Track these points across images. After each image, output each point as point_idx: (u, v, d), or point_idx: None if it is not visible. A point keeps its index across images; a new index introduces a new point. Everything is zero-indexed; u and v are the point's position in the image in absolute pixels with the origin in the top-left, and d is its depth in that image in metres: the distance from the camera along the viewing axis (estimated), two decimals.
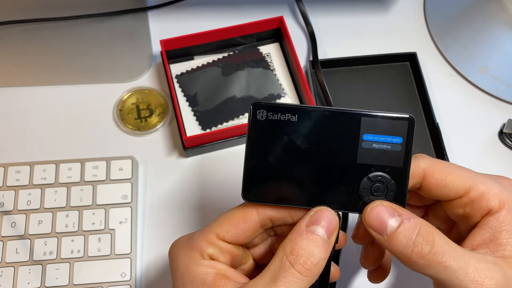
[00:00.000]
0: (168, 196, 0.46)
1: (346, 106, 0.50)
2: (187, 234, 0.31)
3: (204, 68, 0.50)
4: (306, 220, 0.28)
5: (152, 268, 0.43)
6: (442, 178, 0.29)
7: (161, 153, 0.48)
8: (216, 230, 0.30)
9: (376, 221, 0.28)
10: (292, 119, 0.28)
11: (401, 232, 0.27)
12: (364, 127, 0.28)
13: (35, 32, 0.52)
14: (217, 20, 0.53)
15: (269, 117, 0.29)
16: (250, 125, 0.29)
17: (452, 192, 0.29)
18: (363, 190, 0.29)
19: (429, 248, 0.26)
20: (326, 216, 0.28)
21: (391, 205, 0.28)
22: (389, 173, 0.29)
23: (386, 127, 0.28)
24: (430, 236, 0.27)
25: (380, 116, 0.28)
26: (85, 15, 0.52)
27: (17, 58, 0.51)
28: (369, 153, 0.28)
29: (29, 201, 0.43)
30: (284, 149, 0.29)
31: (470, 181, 0.29)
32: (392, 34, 0.55)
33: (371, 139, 0.28)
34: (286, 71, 0.51)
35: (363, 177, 0.29)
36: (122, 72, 0.51)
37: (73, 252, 0.42)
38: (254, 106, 0.29)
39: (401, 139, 0.28)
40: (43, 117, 0.49)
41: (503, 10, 0.52)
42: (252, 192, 0.29)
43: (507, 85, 0.51)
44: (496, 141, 0.50)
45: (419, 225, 0.27)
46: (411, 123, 0.28)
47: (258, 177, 0.29)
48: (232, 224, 0.30)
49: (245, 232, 0.30)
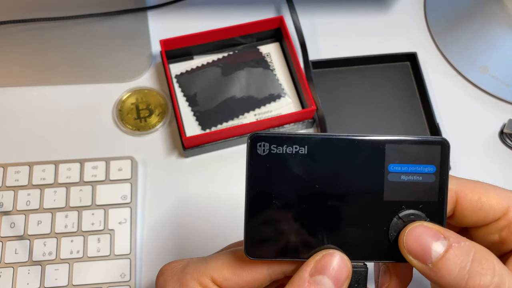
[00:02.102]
0: (168, 196, 0.46)
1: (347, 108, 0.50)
2: (182, 260, 0.28)
3: (204, 68, 0.50)
4: (310, 268, 0.23)
5: (152, 268, 0.43)
6: (477, 199, 0.25)
7: (160, 153, 0.48)
8: (214, 274, 0.25)
9: (417, 246, 0.23)
10: (301, 151, 0.24)
11: (450, 259, 0.22)
12: (389, 156, 0.24)
13: (35, 32, 0.52)
14: (217, 20, 0.53)
15: (272, 151, 0.24)
16: (249, 162, 0.24)
17: (489, 215, 0.25)
18: (394, 233, 0.24)
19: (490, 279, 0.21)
20: (335, 263, 0.23)
21: (434, 226, 0.23)
22: (423, 210, 0.24)
23: (415, 155, 0.24)
24: (490, 264, 0.22)
25: (408, 141, 0.24)
26: (85, 15, 0.52)
27: (17, 58, 0.51)
28: (398, 188, 0.24)
29: (29, 202, 0.43)
30: (293, 190, 0.24)
31: (508, 200, 0.25)
32: (393, 34, 0.55)
33: (398, 171, 0.24)
34: (286, 71, 0.51)
35: (392, 217, 0.24)
36: (122, 72, 0.51)
37: (73, 253, 0.42)
38: (253, 139, 0.24)
39: (434, 167, 0.24)
40: (42, 117, 0.49)
41: (504, 10, 0.52)
42: (257, 247, 0.24)
43: (508, 85, 0.51)
44: (496, 141, 0.49)
45: (473, 249, 0.22)
46: (445, 147, 0.24)
47: (263, 227, 0.24)
48: (235, 273, 0.25)
49: (249, 284, 0.25)
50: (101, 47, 0.52)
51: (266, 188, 0.24)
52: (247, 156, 0.24)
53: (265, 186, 0.24)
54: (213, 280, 0.25)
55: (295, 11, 0.52)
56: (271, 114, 0.49)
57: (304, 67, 0.50)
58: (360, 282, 0.24)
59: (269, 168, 0.24)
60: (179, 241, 0.44)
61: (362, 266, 0.24)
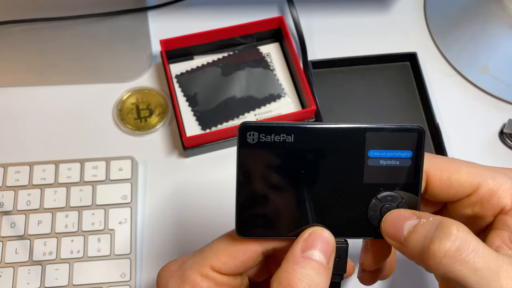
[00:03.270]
0: (168, 196, 0.46)
1: (347, 108, 0.50)
2: (178, 260, 0.29)
3: (204, 68, 0.50)
4: (301, 245, 0.25)
5: (152, 268, 0.43)
6: (446, 178, 0.26)
7: (161, 153, 0.48)
8: (212, 261, 0.27)
9: (392, 227, 0.25)
10: (288, 139, 0.25)
11: (418, 231, 0.24)
12: (369, 142, 0.26)
13: (35, 32, 0.52)
14: (217, 20, 0.53)
15: (261, 140, 0.25)
16: (239, 150, 0.25)
17: (459, 192, 0.26)
18: (372, 213, 0.26)
19: (451, 244, 0.22)
20: (322, 238, 0.25)
21: (408, 210, 0.26)
22: (400, 192, 0.26)
23: (393, 141, 0.26)
24: (452, 229, 0.23)
25: (386, 128, 0.26)
26: (85, 15, 0.52)
27: (17, 58, 0.51)
28: (377, 172, 0.26)
29: (29, 201, 0.43)
30: (281, 175, 0.26)
31: (478, 178, 0.26)
32: (393, 34, 0.55)
33: (377, 156, 0.26)
34: (286, 71, 0.51)
35: (371, 198, 0.26)
36: (122, 72, 0.51)
37: (73, 253, 0.42)
38: (242, 128, 0.25)
39: (411, 152, 0.26)
40: (42, 117, 0.49)
41: (504, 10, 0.52)
42: (248, 227, 0.26)
43: (508, 85, 0.51)
44: (496, 141, 0.49)
45: (438, 221, 0.24)
46: (421, 134, 0.26)
47: (253, 209, 0.26)
48: (231, 255, 0.27)
49: (245, 263, 0.27)
50: (101, 47, 0.52)
51: (256, 173, 0.26)
52: (237, 144, 0.26)
53: (255, 171, 0.26)
54: (212, 267, 0.27)
55: (295, 10, 0.52)
56: (271, 114, 0.49)
57: (304, 67, 0.50)
58: (341, 257, 0.27)
59: (258, 155, 0.26)
60: (179, 241, 0.44)
61: (344, 242, 0.27)
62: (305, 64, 0.50)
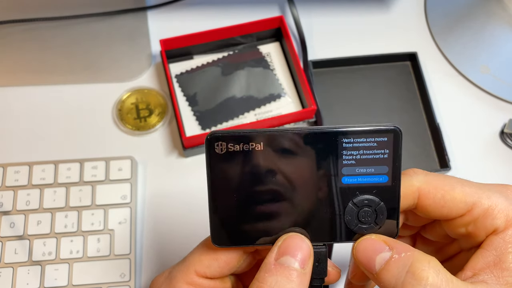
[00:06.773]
0: (168, 196, 0.46)
1: (347, 107, 0.50)
2: (165, 271, 0.29)
3: (203, 67, 0.50)
4: (274, 253, 0.25)
5: (152, 268, 0.43)
6: (440, 197, 0.26)
7: (160, 153, 0.47)
8: (196, 267, 0.27)
9: (364, 258, 0.25)
10: (258, 147, 0.25)
11: (389, 270, 0.24)
12: (342, 146, 0.25)
13: (35, 32, 0.52)
14: (217, 20, 0.53)
15: (229, 149, 0.25)
16: (208, 161, 0.25)
17: (452, 212, 0.26)
18: (349, 217, 0.25)
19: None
20: (296, 244, 0.25)
21: (381, 237, 0.25)
22: (377, 195, 0.25)
23: (369, 143, 0.25)
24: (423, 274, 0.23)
25: (361, 131, 0.25)
26: (84, 14, 0.52)
27: (16, 58, 0.51)
28: (353, 175, 0.25)
29: (28, 201, 0.43)
30: (253, 183, 0.25)
31: (473, 197, 0.25)
32: (393, 33, 0.54)
33: (353, 158, 0.25)
34: (286, 71, 0.51)
35: (347, 202, 0.25)
36: (122, 71, 0.51)
37: (72, 253, 0.42)
38: (210, 139, 0.25)
39: (387, 154, 0.25)
40: (42, 117, 0.49)
41: (504, 9, 0.51)
42: (223, 237, 0.26)
43: (508, 85, 0.51)
44: (497, 141, 0.49)
45: (411, 260, 0.23)
46: (397, 135, 0.25)
47: (227, 219, 0.26)
48: (213, 258, 0.27)
49: (229, 264, 0.27)
50: (100, 47, 0.52)
51: (226, 184, 0.25)
52: (206, 155, 0.25)
53: (225, 181, 0.25)
54: (196, 273, 0.27)
55: (296, 10, 0.52)
56: (271, 113, 0.48)
57: (304, 66, 0.50)
58: (320, 261, 0.26)
59: (228, 165, 0.25)
60: (179, 241, 0.44)
61: (322, 247, 0.26)
62: (305, 63, 0.50)
